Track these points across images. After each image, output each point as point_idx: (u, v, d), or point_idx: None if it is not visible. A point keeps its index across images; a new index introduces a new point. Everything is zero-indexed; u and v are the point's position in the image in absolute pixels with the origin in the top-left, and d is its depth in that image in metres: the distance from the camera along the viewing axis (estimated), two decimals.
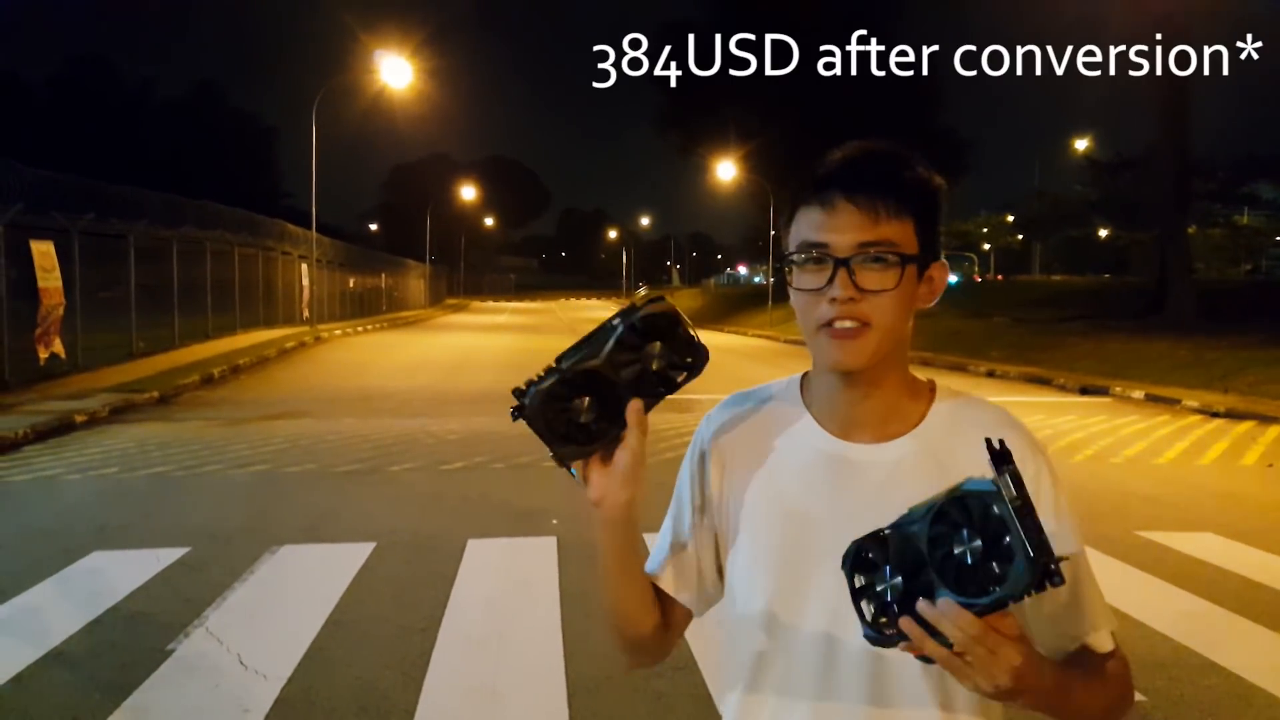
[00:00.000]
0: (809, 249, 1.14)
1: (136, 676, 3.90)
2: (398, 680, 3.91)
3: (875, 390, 1.19)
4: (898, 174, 1.15)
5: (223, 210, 23.28)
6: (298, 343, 22.94)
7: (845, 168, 1.15)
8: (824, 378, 1.22)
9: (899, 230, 1.13)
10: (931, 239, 1.16)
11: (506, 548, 5.93)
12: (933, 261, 1.17)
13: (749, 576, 1.23)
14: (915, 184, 1.15)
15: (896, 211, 1.13)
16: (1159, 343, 18.11)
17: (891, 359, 1.17)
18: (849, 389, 1.19)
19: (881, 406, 1.19)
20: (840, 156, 1.17)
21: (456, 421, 11.05)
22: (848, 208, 1.12)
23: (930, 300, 1.19)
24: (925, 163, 1.17)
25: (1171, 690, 3.90)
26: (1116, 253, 54.31)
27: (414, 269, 58.21)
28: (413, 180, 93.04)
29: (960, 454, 1.16)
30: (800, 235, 1.16)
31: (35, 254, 13.22)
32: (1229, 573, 5.50)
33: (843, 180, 1.14)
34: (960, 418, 1.21)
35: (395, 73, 29.36)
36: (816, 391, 1.24)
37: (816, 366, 1.22)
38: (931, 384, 1.24)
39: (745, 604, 1.24)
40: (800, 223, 1.17)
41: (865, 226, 1.12)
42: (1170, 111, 23.15)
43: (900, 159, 1.16)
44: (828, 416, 1.22)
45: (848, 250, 1.12)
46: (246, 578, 5.23)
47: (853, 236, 1.12)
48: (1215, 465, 9.02)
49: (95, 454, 8.80)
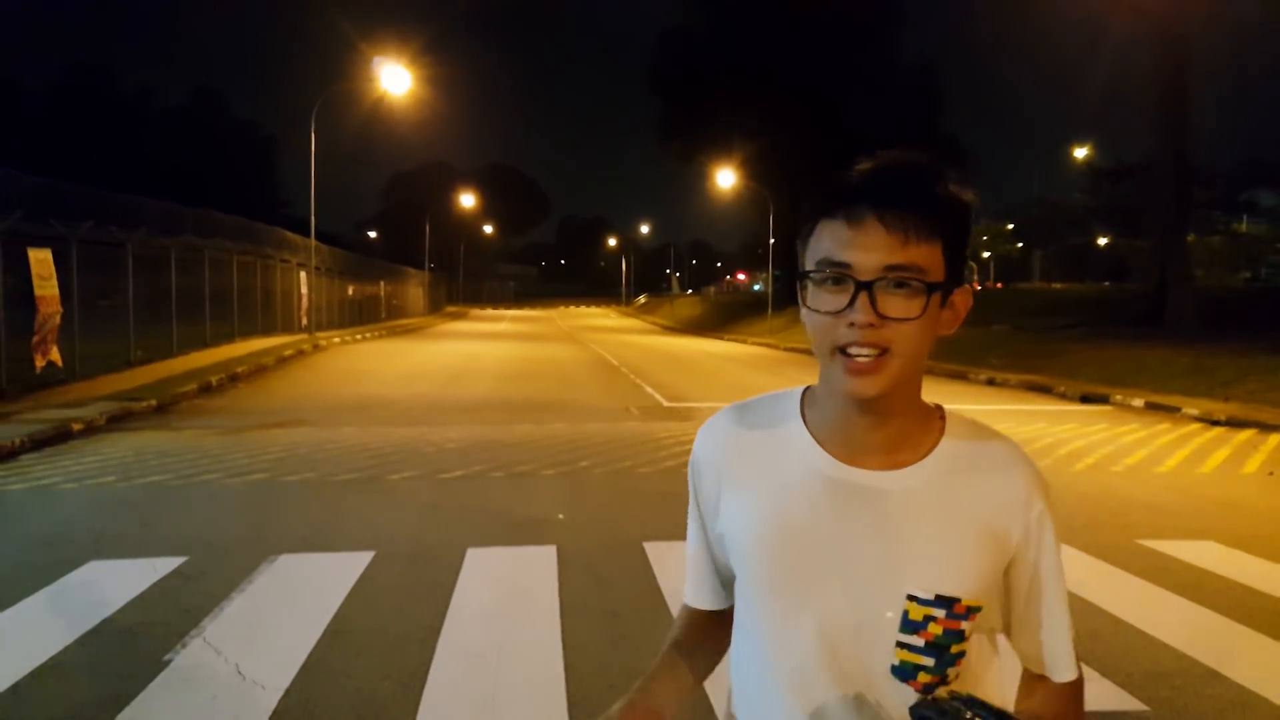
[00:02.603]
0: (830, 268, 1.08)
1: (133, 687, 3.87)
2: (396, 691, 3.88)
3: (888, 419, 1.15)
4: (931, 191, 1.09)
5: (221, 218, 23.27)
6: (296, 351, 22.92)
7: (876, 181, 1.09)
8: (833, 400, 1.17)
9: (927, 254, 1.07)
10: (959, 264, 1.11)
11: (506, 557, 5.90)
12: (956, 287, 1.12)
13: (746, 595, 1.22)
14: (949, 204, 1.10)
15: (928, 234, 1.07)
16: (1159, 350, 18.10)
17: (907, 386, 1.13)
18: (860, 415, 1.15)
19: (892, 434, 1.16)
20: (870, 167, 1.11)
21: (456, 430, 11.02)
22: (876, 226, 1.06)
23: (953, 327, 1.14)
24: (957, 178, 1.11)
25: (1175, 700, 3.87)
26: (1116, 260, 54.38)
27: (413, 277, 58.21)
28: (412, 188, 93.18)
29: (972, 489, 1.15)
30: (821, 251, 1.10)
31: (33, 262, 13.20)
32: (1231, 581, 5.47)
33: (872, 195, 1.07)
34: (972, 451, 1.18)
35: (394, 80, 29.42)
36: (823, 412, 1.19)
37: (826, 388, 1.17)
38: (940, 411, 1.21)
39: (745, 621, 1.23)
40: (822, 237, 1.10)
41: (893, 248, 1.06)
42: (1170, 119, 23.19)
43: (934, 174, 1.10)
44: (833, 439, 1.18)
45: (872, 273, 1.06)
46: (244, 587, 5.20)
47: (879, 258, 1.06)
48: (1216, 473, 9.00)
49: (92, 463, 8.77)
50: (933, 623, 1.10)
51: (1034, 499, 1.16)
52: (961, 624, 1.11)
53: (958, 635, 1.11)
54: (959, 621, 1.11)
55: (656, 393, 15.73)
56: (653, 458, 9.31)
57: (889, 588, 1.12)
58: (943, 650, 1.11)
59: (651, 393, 15.73)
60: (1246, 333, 18.39)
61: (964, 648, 1.13)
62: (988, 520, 1.14)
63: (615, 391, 16.05)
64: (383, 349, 27.19)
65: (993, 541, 1.14)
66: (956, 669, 1.13)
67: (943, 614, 1.10)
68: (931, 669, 1.11)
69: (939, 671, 1.11)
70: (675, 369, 21.37)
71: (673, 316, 59.13)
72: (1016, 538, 1.16)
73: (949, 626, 1.11)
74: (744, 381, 18.69)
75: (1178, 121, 23.29)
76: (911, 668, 1.11)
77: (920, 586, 1.11)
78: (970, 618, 1.12)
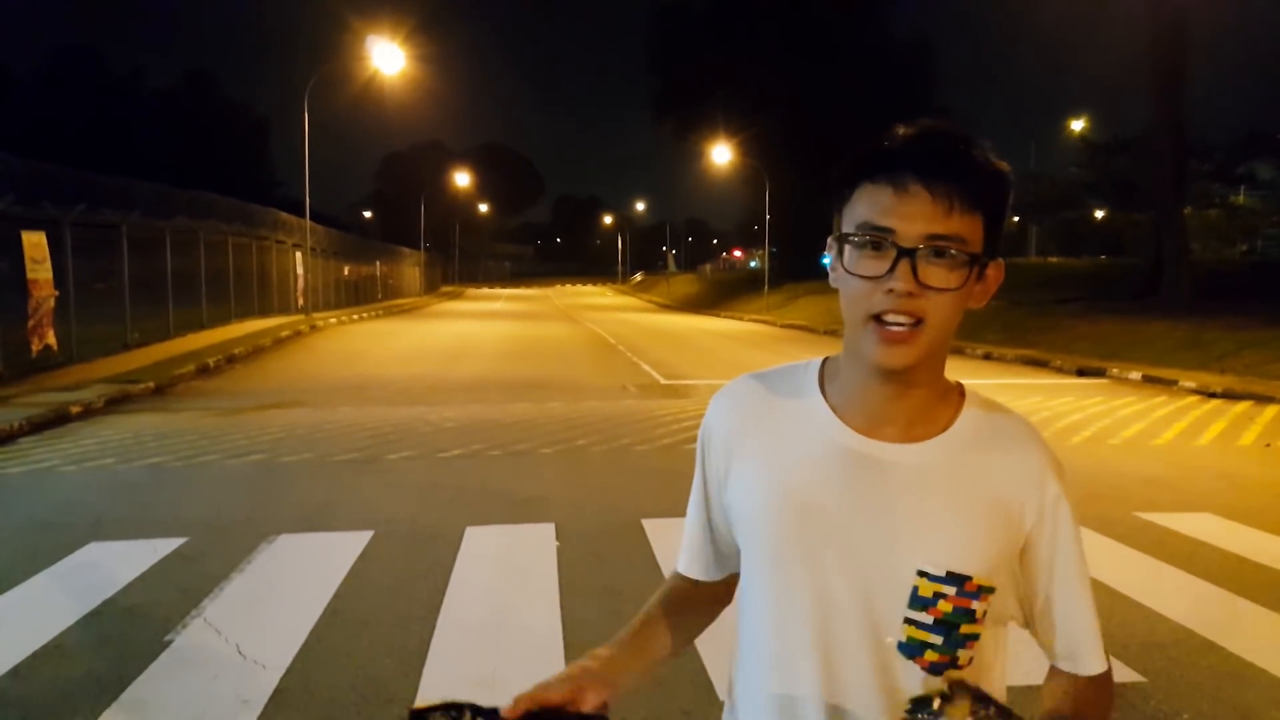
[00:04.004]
0: (872, 232, 1.06)
1: (134, 668, 3.88)
2: (397, 669, 3.90)
3: (911, 390, 1.13)
4: (975, 162, 1.07)
5: (216, 200, 23.17)
6: (293, 332, 22.89)
7: (921, 147, 1.07)
8: (856, 370, 1.15)
9: (969, 225, 1.06)
10: (996, 235, 1.09)
11: (505, 535, 5.91)
12: (991, 260, 1.10)
13: (752, 564, 1.21)
14: (992, 176, 1.08)
15: (970, 204, 1.05)
16: (1156, 324, 18.11)
17: (935, 359, 1.12)
18: (884, 385, 1.13)
19: (912, 407, 1.14)
20: (914, 133, 1.09)
21: (453, 409, 11.03)
22: (921, 193, 1.04)
23: (983, 300, 1.13)
24: (994, 148, 1.09)
25: (1171, 671, 3.89)
26: (1113, 234, 54.21)
27: (408, 257, 58.06)
28: (406, 168, 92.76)
29: (986, 466, 1.14)
30: (862, 215, 1.07)
31: (26, 245, 13.15)
32: (1228, 553, 5.50)
33: (918, 162, 1.05)
34: (989, 429, 1.17)
35: (387, 60, 29.15)
36: (844, 382, 1.18)
37: (852, 357, 1.15)
38: (960, 387, 1.20)
39: (749, 590, 1.22)
40: (863, 201, 1.08)
41: (937, 217, 1.04)
42: (1167, 91, 23.06)
43: (976, 144, 1.08)
44: (852, 409, 1.16)
45: (915, 240, 1.04)
46: (244, 568, 5.21)
47: (923, 226, 1.04)
48: (1213, 446, 9.03)
49: (91, 445, 8.77)
50: (942, 600, 1.09)
51: (1048, 480, 1.14)
52: (972, 603, 1.10)
53: (968, 615, 1.10)
54: (970, 600, 1.09)
55: (654, 370, 15.73)
56: (650, 435, 9.31)
57: (899, 562, 1.10)
58: (952, 629, 1.09)
59: (649, 370, 15.73)
60: (1243, 306, 18.39)
61: (975, 630, 1.11)
62: (1001, 498, 1.13)
63: (612, 370, 16.05)
64: (379, 329, 27.16)
65: (1006, 520, 1.13)
66: (969, 652, 1.11)
67: (953, 591, 1.09)
68: (939, 647, 1.10)
69: (948, 651, 1.10)
70: (672, 346, 21.37)
71: (669, 294, 59.07)
72: (1031, 519, 1.14)
73: (959, 605, 1.09)
74: (741, 358, 18.69)
75: (1175, 94, 23.17)
76: (919, 644, 1.10)
77: (931, 562, 1.09)
78: (982, 598, 1.10)
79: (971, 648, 1.12)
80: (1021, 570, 1.16)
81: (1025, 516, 1.14)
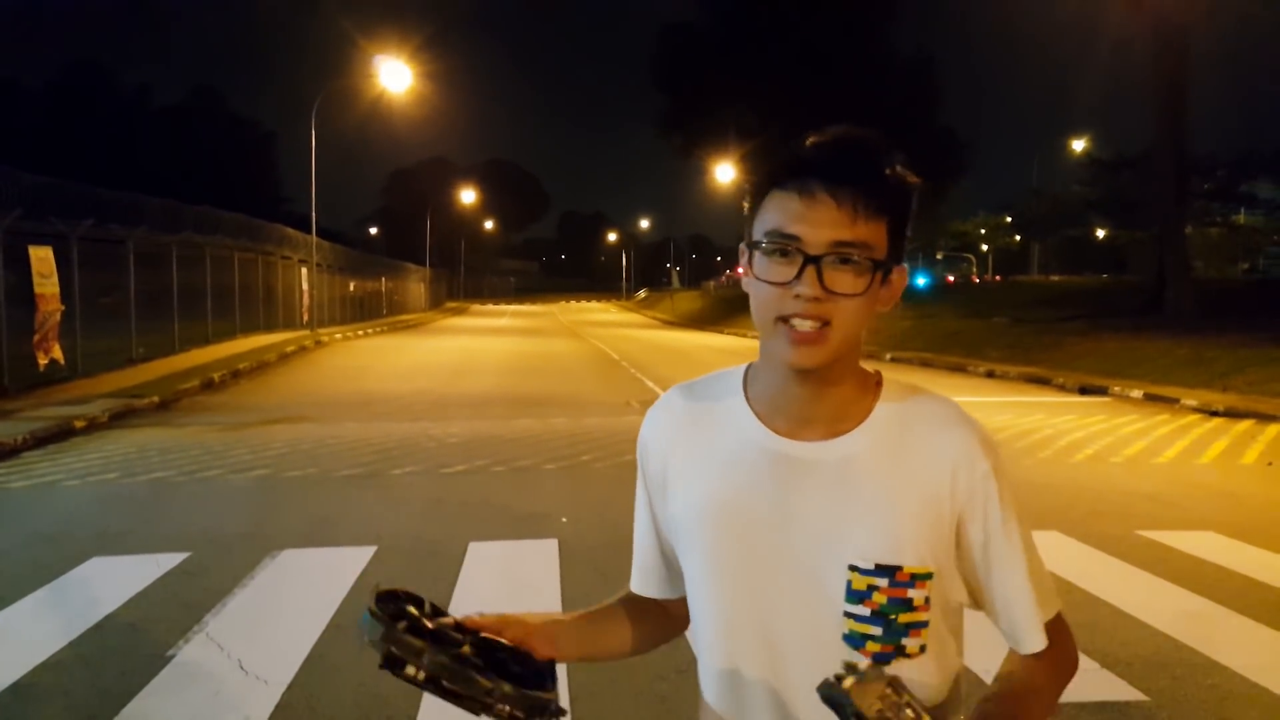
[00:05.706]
0: (779, 239, 1.09)
1: (136, 683, 3.88)
2: (399, 686, 3.87)
3: (827, 388, 1.15)
4: (880, 170, 1.10)
5: (222, 215, 23.26)
6: (298, 347, 22.94)
7: (827, 155, 1.10)
8: (774, 373, 1.17)
9: (873, 231, 1.09)
10: (900, 242, 1.12)
11: (508, 551, 5.92)
12: (896, 265, 1.13)
13: (694, 579, 1.23)
14: (896, 183, 1.11)
15: (875, 211, 1.08)
16: (1158, 342, 18.09)
17: (847, 358, 1.14)
18: (800, 386, 1.15)
19: (831, 404, 1.16)
20: (821, 141, 1.11)
21: (457, 425, 11.04)
22: (827, 201, 1.07)
23: (889, 304, 1.15)
24: (904, 158, 1.12)
25: (1175, 690, 3.88)
26: (1115, 252, 54.28)
27: (414, 273, 58.21)
28: (412, 184, 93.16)
29: (907, 452, 1.14)
30: (771, 222, 1.11)
31: (33, 260, 13.21)
32: (1230, 571, 5.49)
33: (824, 169, 1.08)
34: (910, 412, 1.17)
35: (394, 77, 29.39)
36: (764, 386, 1.20)
37: (768, 360, 1.18)
38: (878, 376, 1.21)
39: (694, 597, 1.24)
40: (772, 208, 1.11)
41: (842, 224, 1.07)
42: (1169, 110, 23.14)
43: (883, 152, 1.11)
44: (774, 412, 1.18)
45: (820, 248, 1.07)
46: (247, 583, 5.22)
47: (828, 234, 1.07)
48: (1215, 464, 9.01)
49: (95, 459, 8.79)
50: (876, 592, 1.10)
51: (976, 458, 1.14)
52: (908, 592, 1.11)
53: (904, 604, 1.11)
54: (904, 589, 1.11)
55: (657, 386, 15.73)
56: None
57: (832, 559, 1.12)
58: (889, 620, 1.11)
59: (652, 386, 15.74)
60: (1245, 324, 18.37)
61: (918, 618, 1.12)
62: (926, 483, 1.13)
63: (617, 385, 16.06)
64: (384, 345, 27.20)
65: (933, 504, 1.13)
66: (917, 640, 1.12)
67: (885, 583, 1.10)
68: (880, 638, 1.11)
69: (890, 640, 1.11)
70: (676, 363, 21.38)
71: (673, 311, 59.08)
72: (961, 498, 1.13)
73: (894, 595, 1.11)
74: None
75: (1177, 113, 23.25)
76: (860, 637, 1.11)
77: (860, 556, 1.11)
78: (918, 585, 1.11)
79: (918, 635, 1.13)
80: (960, 551, 1.16)
81: (954, 497, 1.14)
